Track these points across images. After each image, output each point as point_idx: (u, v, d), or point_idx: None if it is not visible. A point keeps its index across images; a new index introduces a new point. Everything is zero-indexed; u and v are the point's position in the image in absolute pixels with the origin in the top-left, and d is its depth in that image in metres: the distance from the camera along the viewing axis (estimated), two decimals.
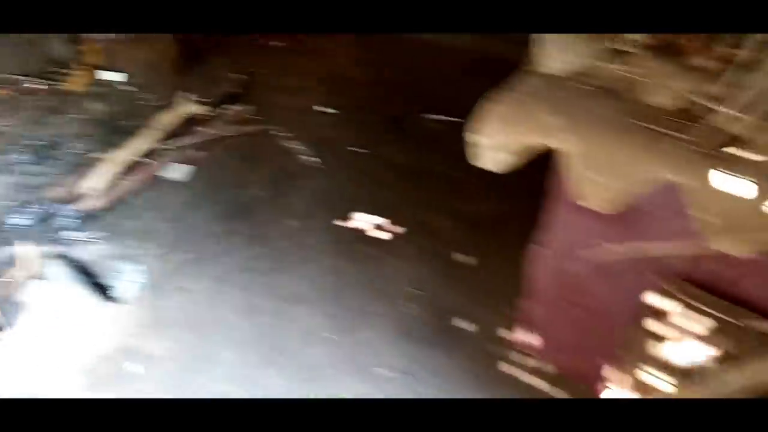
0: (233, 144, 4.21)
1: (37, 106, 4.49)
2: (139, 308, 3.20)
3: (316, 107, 4.55)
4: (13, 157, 4.07)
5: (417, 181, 3.90)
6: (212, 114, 4.25)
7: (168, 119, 4.00)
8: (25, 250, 3.01)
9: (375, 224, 3.61)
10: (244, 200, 3.81)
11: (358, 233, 3.60)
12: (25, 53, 4.68)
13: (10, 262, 3.18)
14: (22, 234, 3.54)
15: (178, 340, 3.06)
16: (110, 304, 3.17)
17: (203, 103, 4.19)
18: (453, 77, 4.77)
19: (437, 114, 4.41)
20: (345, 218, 3.67)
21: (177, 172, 3.97)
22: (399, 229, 3.59)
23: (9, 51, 4.63)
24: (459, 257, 3.40)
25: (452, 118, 4.18)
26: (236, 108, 4.34)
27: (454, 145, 2.46)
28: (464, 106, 2.39)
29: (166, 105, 4.31)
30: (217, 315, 3.17)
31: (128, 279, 3.43)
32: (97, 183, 3.69)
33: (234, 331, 3.10)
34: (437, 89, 4.71)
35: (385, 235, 3.58)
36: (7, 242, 3.48)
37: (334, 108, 4.55)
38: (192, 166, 4.03)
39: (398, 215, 3.66)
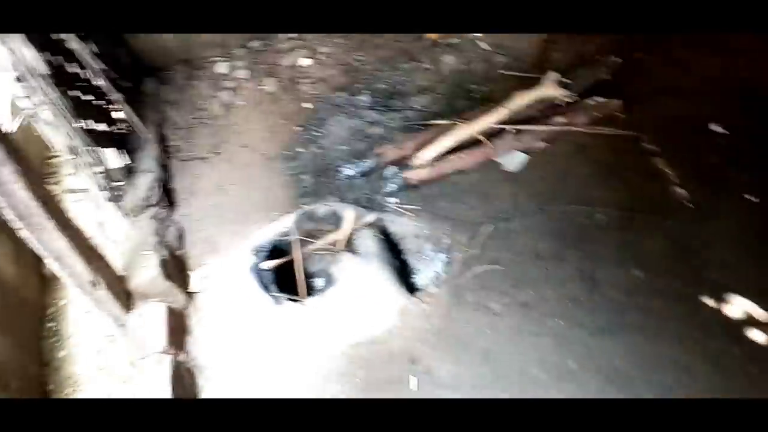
0: (587, 144, 3.46)
1: (392, 46, 4.31)
2: (435, 310, 2.83)
3: (708, 124, 3.50)
4: (358, 98, 3.97)
5: None
6: (572, 101, 3.53)
7: (522, 98, 3.42)
8: (349, 214, 2.80)
9: (756, 317, 2.61)
10: (582, 221, 3.10)
11: (727, 321, 2.65)
12: None
13: (334, 220, 3.02)
14: (348, 188, 3.42)
15: (466, 368, 2.62)
16: (407, 292, 2.84)
17: (565, 86, 3.49)
18: None
19: None
20: (710, 293, 2.74)
21: (513, 161, 3.42)
22: None
23: None
24: None
25: None
26: (601, 100, 3.54)
27: None
28: None
29: (525, 79, 3.72)
30: (518, 360, 2.63)
31: (430, 267, 3.10)
32: (428, 152, 3.34)
33: (535, 390, 2.52)
34: None
35: (765, 339, 2.57)
36: (335, 194, 3.40)
37: (729, 129, 3.45)
38: (530, 157, 3.43)
39: None
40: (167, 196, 3.45)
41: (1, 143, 2.04)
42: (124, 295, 2.74)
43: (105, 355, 2.91)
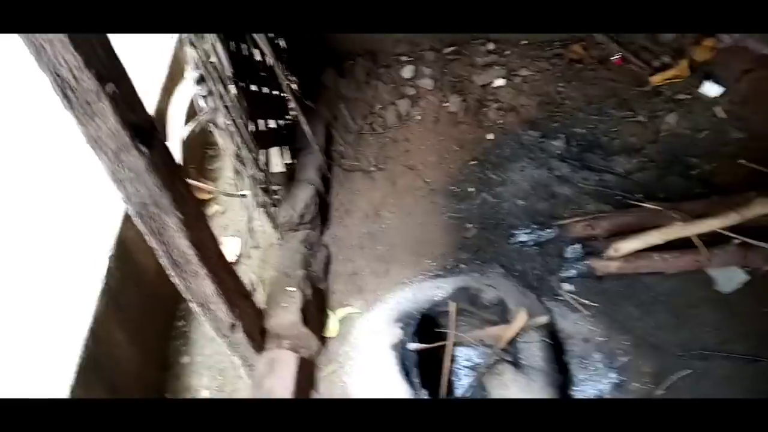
0: None
1: (605, 84, 3.67)
2: None
3: None
4: (551, 142, 3.42)
5: None
6: None
7: (764, 207, 2.72)
8: (522, 315, 2.37)
9: None
10: None
11: None
12: None
13: (499, 312, 2.60)
14: (518, 257, 2.96)
15: None
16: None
17: None
18: None
19: None
20: None
21: (729, 280, 2.77)
22: None
23: None
24: None
25: None
26: None
27: None
28: None
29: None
30: None
31: (593, 381, 2.62)
32: (628, 244, 2.78)
33: None
34: None
35: None
36: (500, 259, 2.96)
37: None
38: (751, 280, 2.75)
39: None
40: (322, 214, 3.19)
41: (170, 190, 1.82)
42: (259, 333, 2.54)
43: (227, 378, 2.77)
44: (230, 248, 3.15)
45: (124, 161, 1.70)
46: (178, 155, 2.42)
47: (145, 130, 1.73)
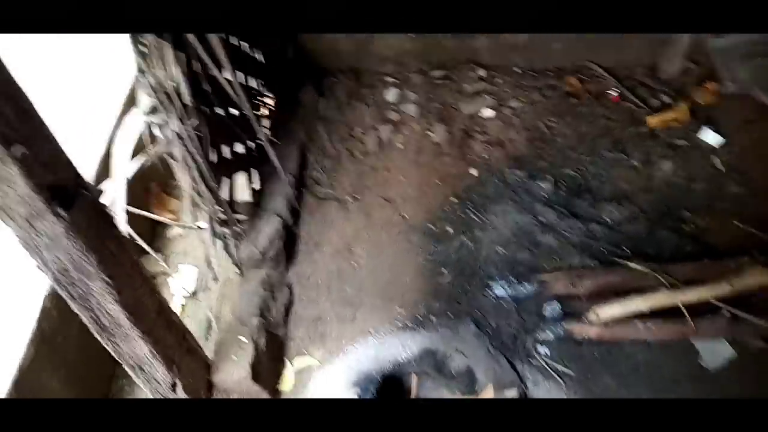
0: None
1: (599, 122, 3.46)
2: None
3: None
4: (537, 183, 3.21)
5: None
6: None
7: (758, 278, 2.53)
8: (489, 389, 2.18)
9: None
10: None
11: None
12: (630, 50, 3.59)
13: (465, 381, 2.41)
14: (494, 312, 2.77)
15: None
16: None
17: None
18: None
19: None
20: None
21: (715, 354, 2.59)
22: None
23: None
24: None
25: None
26: None
27: None
28: None
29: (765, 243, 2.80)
30: None
31: None
32: (610, 309, 2.59)
33: None
34: None
35: None
36: (474, 313, 2.76)
37: None
38: (738, 356, 2.58)
39: None
40: (287, 249, 2.98)
41: (96, 252, 1.60)
42: (206, 387, 2.33)
43: None
44: (187, 278, 2.94)
45: (38, 228, 1.47)
46: (122, 194, 2.19)
47: (67, 190, 1.51)
